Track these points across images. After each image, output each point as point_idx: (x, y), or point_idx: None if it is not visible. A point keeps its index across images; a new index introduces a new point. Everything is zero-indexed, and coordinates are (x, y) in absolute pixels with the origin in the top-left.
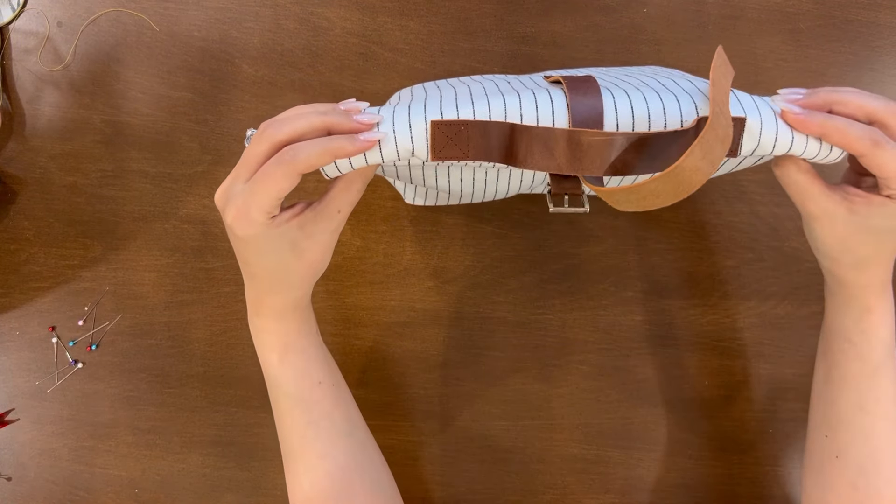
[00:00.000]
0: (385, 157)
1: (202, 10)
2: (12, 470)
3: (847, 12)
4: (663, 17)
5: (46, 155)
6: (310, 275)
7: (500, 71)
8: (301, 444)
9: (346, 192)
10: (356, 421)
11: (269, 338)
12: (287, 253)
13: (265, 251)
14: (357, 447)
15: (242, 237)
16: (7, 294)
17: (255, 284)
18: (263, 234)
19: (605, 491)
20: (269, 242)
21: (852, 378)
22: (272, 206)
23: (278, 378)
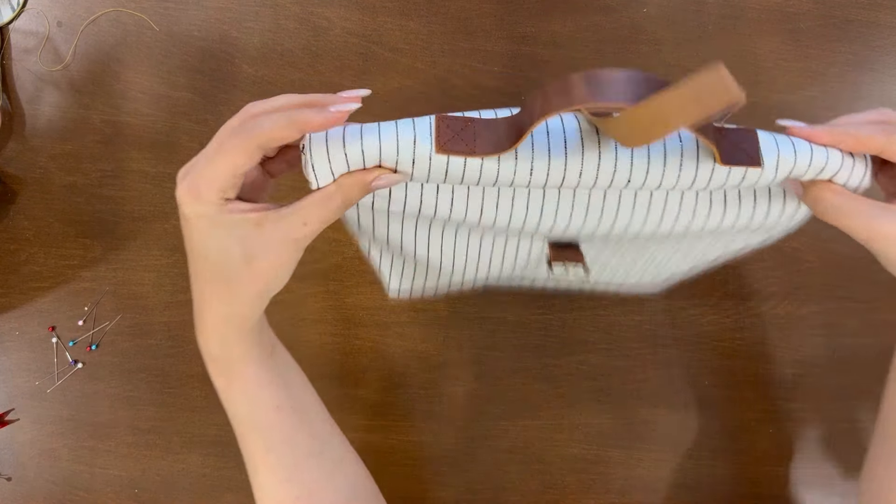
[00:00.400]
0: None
1: (202, 10)
2: (12, 470)
3: (847, 12)
4: (663, 17)
5: (46, 155)
6: (257, 290)
7: (499, 71)
8: (263, 470)
9: (321, 204)
10: (326, 437)
11: (209, 362)
12: (235, 250)
13: (210, 240)
14: (328, 464)
15: (188, 216)
16: (7, 294)
17: (197, 287)
18: (212, 217)
19: (605, 491)
20: (216, 230)
21: None
22: (225, 183)
23: (228, 404)
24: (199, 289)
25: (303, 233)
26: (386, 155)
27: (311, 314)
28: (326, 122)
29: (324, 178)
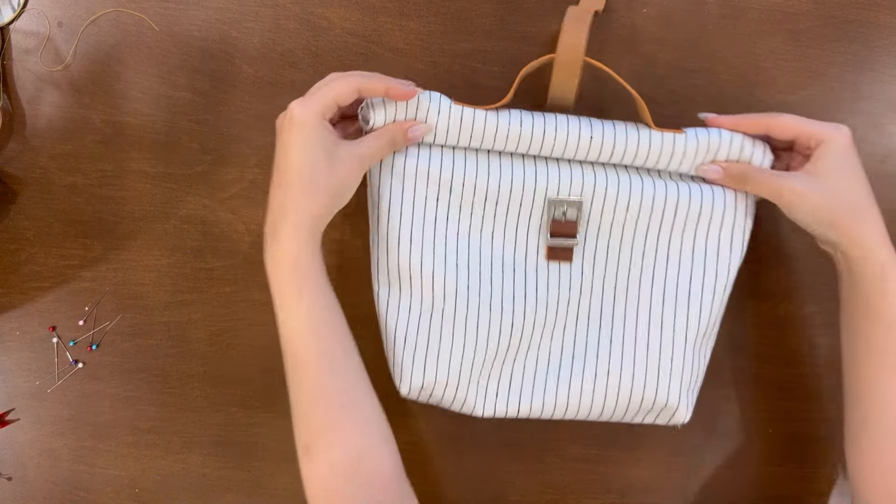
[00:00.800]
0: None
1: (202, 10)
2: (12, 470)
3: (847, 12)
4: (663, 17)
5: (47, 155)
6: (335, 191)
7: (499, 71)
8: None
9: (376, 137)
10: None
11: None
12: (322, 154)
13: (307, 144)
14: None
15: (296, 119)
16: (7, 294)
17: (282, 194)
18: (313, 125)
19: (605, 491)
20: (313, 135)
21: (879, 342)
22: (330, 103)
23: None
24: (285, 194)
25: (366, 153)
26: (420, 110)
27: None
28: (405, 94)
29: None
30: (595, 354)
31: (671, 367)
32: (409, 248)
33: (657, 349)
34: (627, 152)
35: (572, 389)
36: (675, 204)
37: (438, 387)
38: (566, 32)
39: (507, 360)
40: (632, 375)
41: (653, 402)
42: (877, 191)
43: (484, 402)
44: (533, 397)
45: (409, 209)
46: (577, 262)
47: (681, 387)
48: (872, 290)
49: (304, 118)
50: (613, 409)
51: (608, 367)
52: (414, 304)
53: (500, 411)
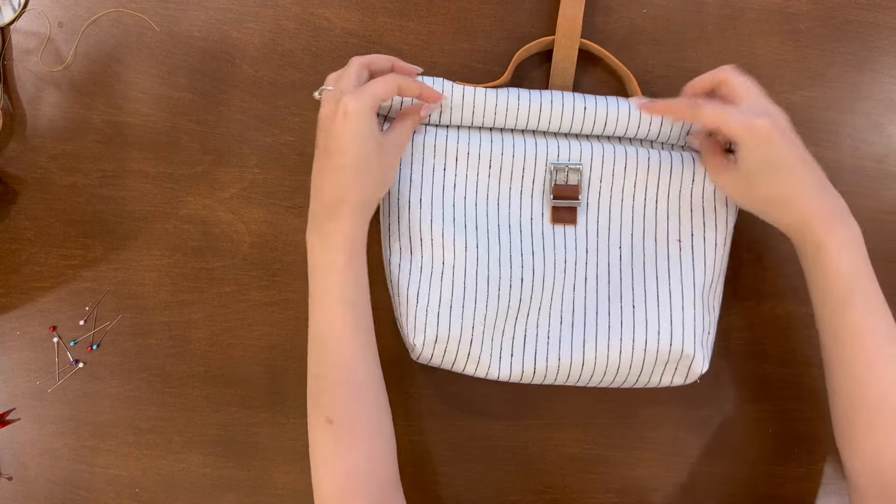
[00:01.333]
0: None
1: (203, 10)
2: (13, 469)
3: (846, 13)
4: (663, 17)
5: (47, 155)
6: (383, 178)
7: (499, 71)
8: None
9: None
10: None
11: (341, 240)
12: (373, 145)
13: (362, 135)
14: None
15: (351, 111)
16: (8, 294)
17: (339, 172)
18: (367, 118)
19: (604, 491)
20: (367, 127)
21: (825, 315)
22: (378, 100)
23: (339, 282)
24: (338, 180)
25: (401, 141)
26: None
27: None
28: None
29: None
30: (606, 311)
31: (683, 316)
32: (419, 213)
33: (667, 301)
34: (620, 122)
35: (587, 347)
36: (670, 168)
37: (452, 342)
38: (565, 5)
39: (519, 318)
40: (645, 328)
41: (668, 353)
42: (875, 191)
43: (499, 361)
44: (549, 356)
45: (418, 178)
46: (581, 224)
47: (694, 335)
48: (815, 271)
49: (360, 111)
50: (629, 367)
51: (620, 321)
52: (425, 264)
53: (515, 372)
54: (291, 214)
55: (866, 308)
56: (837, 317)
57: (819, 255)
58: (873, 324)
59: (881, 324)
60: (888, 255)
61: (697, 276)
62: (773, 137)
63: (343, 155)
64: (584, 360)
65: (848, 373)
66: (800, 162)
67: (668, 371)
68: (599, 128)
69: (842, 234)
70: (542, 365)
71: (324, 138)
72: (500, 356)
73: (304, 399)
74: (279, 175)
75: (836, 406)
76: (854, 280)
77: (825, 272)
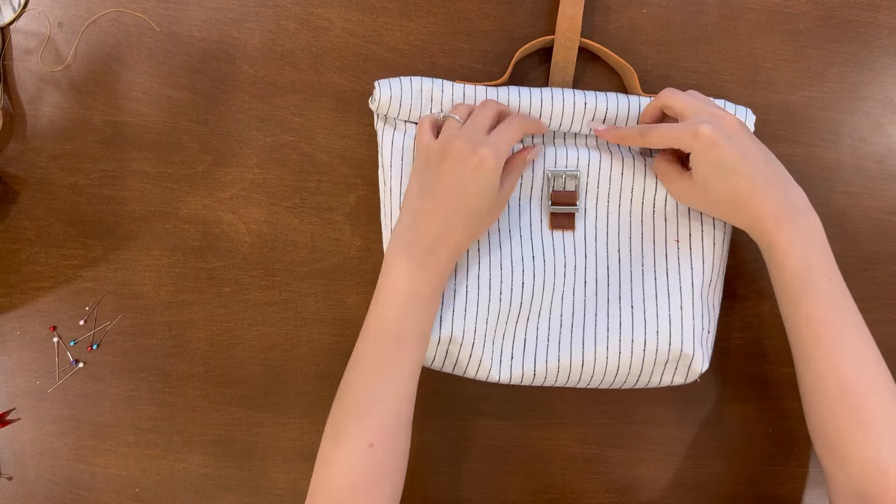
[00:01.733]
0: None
1: (203, 10)
2: (13, 469)
3: (846, 13)
4: (663, 17)
5: (47, 155)
6: (486, 227)
7: (499, 71)
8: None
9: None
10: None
11: (431, 273)
12: (491, 201)
13: (488, 191)
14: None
15: (490, 167)
16: (8, 294)
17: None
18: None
19: (604, 490)
20: (494, 182)
21: (784, 309)
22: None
23: (421, 314)
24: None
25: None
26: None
27: (311, 314)
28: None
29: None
30: (606, 313)
31: (682, 315)
32: None
33: (665, 300)
34: (619, 118)
35: (587, 348)
36: None
37: (454, 345)
38: (564, 5)
39: (519, 321)
40: (644, 328)
41: (668, 353)
42: (875, 191)
43: (500, 364)
44: (548, 358)
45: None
46: (579, 230)
47: (693, 334)
48: (772, 268)
49: (496, 167)
50: (629, 367)
51: (619, 322)
52: None
53: (516, 375)
54: (291, 214)
55: (822, 301)
56: (795, 311)
57: (772, 252)
58: (830, 315)
59: (838, 314)
60: (890, 256)
61: (696, 276)
62: (717, 141)
63: (462, 201)
64: (583, 361)
65: (809, 365)
66: (747, 162)
67: (669, 370)
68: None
69: (793, 230)
70: (543, 367)
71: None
72: (500, 359)
73: (304, 398)
74: (279, 175)
75: (803, 394)
76: (808, 274)
77: (779, 268)
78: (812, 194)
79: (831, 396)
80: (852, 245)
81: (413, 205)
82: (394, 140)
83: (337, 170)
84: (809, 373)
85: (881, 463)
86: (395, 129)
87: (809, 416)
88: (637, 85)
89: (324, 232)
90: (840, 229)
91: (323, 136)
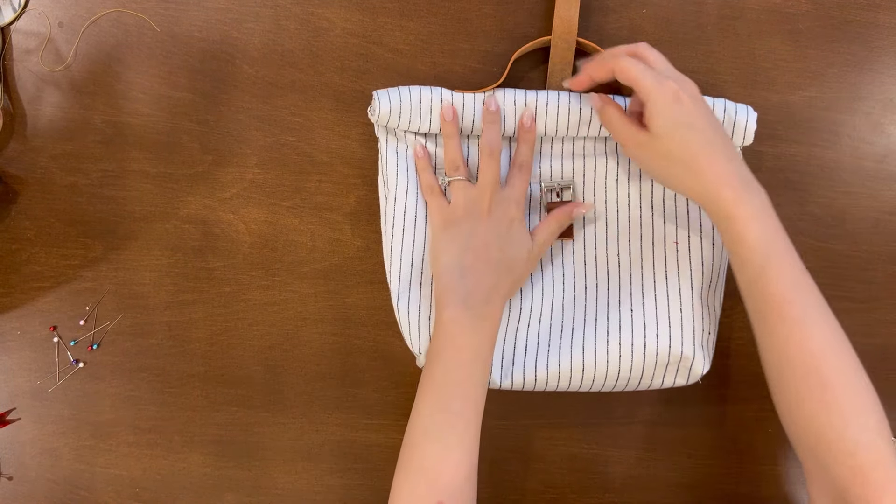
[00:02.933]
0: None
1: (203, 10)
2: (13, 469)
3: (846, 13)
4: (663, 17)
5: (47, 155)
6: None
7: (499, 71)
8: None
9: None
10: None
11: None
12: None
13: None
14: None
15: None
16: (8, 294)
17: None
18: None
19: (604, 490)
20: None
21: (745, 288)
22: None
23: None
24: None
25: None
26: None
27: (311, 314)
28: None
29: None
30: (605, 317)
31: (681, 317)
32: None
33: (665, 303)
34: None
35: (586, 353)
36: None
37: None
38: (560, 6)
39: (520, 327)
40: (643, 331)
41: (668, 355)
42: (875, 191)
43: (501, 369)
44: (549, 363)
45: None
46: (578, 240)
47: (693, 336)
48: (729, 242)
49: (521, 217)
50: (630, 371)
51: (619, 326)
52: (426, 276)
53: (517, 380)
54: (291, 214)
55: (784, 278)
56: (756, 288)
57: (731, 225)
58: (792, 293)
59: (800, 292)
60: (890, 256)
61: (695, 277)
62: (681, 98)
63: (503, 252)
64: (584, 366)
65: (773, 344)
66: (709, 126)
67: (670, 373)
68: (595, 128)
69: (752, 203)
70: (543, 373)
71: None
72: (501, 364)
73: (304, 398)
74: (279, 175)
75: (769, 377)
76: (768, 249)
77: (738, 243)
78: (812, 194)
79: (796, 376)
80: (852, 245)
81: (453, 262)
82: (397, 149)
83: (337, 170)
84: (774, 352)
85: (849, 444)
86: (398, 139)
87: (777, 398)
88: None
89: (324, 232)
90: (840, 229)
91: (323, 136)
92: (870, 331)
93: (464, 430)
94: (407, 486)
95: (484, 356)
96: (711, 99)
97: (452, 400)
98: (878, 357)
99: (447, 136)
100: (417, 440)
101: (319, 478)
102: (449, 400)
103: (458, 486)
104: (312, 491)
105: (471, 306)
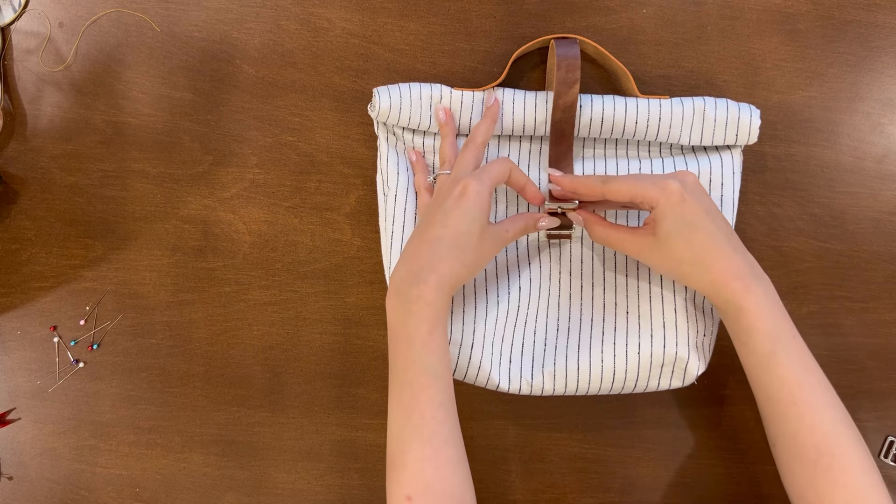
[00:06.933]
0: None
1: (203, 10)
2: (13, 469)
3: (846, 13)
4: (663, 17)
5: (48, 155)
6: (474, 263)
7: (499, 72)
8: (430, 426)
9: (514, 225)
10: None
11: (425, 309)
12: (478, 229)
13: (471, 217)
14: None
15: (473, 193)
16: (8, 294)
17: (438, 246)
18: (483, 201)
19: (604, 490)
20: (478, 211)
21: (754, 373)
22: (496, 183)
23: (423, 353)
24: (435, 252)
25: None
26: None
27: (311, 314)
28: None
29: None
30: (601, 319)
31: (675, 319)
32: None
33: (659, 305)
34: (616, 120)
35: (581, 355)
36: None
37: (453, 346)
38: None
39: (517, 325)
40: (637, 333)
41: (662, 357)
42: (875, 191)
43: (500, 367)
44: (545, 362)
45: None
46: (576, 240)
47: (688, 338)
48: (738, 332)
49: (479, 192)
50: (625, 373)
51: (614, 328)
52: None
53: (514, 382)
54: (291, 214)
55: (793, 362)
56: (767, 374)
57: (741, 316)
58: (802, 377)
59: (810, 375)
60: (890, 257)
61: None
62: (685, 197)
63: (445, 226)
64: (579, 367)
65: (785, 427)
66: (710, 219)
67: (665, 375)
68: (596, 127)
69: (759, 292)
70: (540, 376)
71: (431, 213)
72: (500, 362)
73: (304, 398)
74: (279, 175)
75: (778, 457)
76: (777, 337)
77: (749, 333)
78: (812, 194)
79: (809, 459)
80: (852, 245)
81: (405, 249)
82: (397, 147)
83: (337, 170)
84: (787, 436)
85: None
86: (397, 136)
87: (788, 480)
88: (633, 86)
89: (324, 232)
90: (840, 229)
91: (323, 136)
92: (870, 331)
93: (418, 422)
94: (387, 485)
95: (422, 341)
96: (714, 99)
97: (402, 391)
98: (878, 357)
99: (441, 135)
100: (388, 431)
101: (319, 478)
102: (400, 391)
103: (425, 482)
104: (312, 491)
105: (401, 291)
